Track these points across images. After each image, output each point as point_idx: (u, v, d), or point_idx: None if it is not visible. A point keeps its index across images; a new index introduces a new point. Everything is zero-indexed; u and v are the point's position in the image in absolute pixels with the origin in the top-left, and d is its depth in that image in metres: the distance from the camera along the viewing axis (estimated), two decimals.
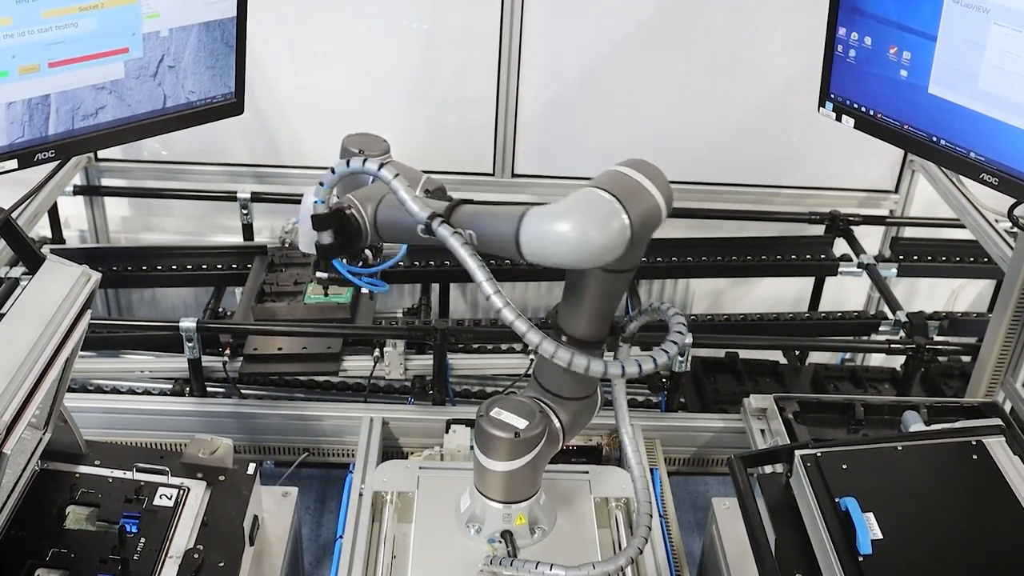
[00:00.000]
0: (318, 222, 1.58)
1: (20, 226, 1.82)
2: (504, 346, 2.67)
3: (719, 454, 2.44)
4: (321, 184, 1.55)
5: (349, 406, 2.43)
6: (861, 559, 1.56)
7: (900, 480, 1.75)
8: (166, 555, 1.65)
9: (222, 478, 1.81)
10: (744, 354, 2.72)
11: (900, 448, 1.81)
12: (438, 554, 1.74)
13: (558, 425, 1.68)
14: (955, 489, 1.77)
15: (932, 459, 1.81)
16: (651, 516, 1.64)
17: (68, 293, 1.59)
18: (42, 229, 2.98)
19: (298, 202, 3.07)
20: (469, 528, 1.76)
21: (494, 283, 1.39)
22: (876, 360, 3.08)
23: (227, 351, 2.50)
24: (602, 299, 1.55)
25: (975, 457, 1.80)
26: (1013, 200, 1.88)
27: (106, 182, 3.13)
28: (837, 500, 1.66)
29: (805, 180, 3.14)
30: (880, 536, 1.61)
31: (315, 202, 1.56)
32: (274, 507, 1.96)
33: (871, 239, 3.13)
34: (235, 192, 3.02)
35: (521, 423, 1.63)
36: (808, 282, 3.12)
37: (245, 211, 3.03)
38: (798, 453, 1.78)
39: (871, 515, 1.63)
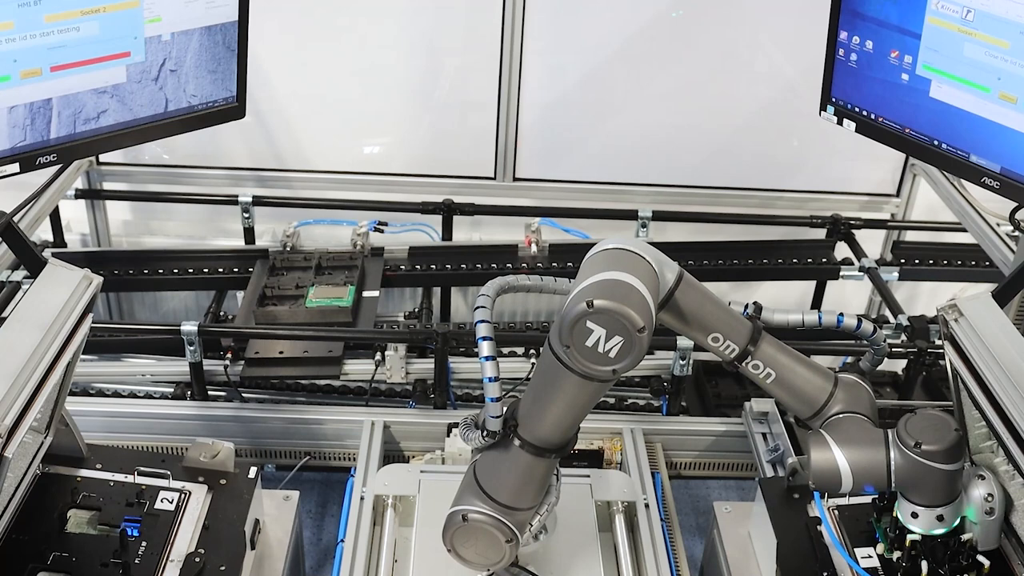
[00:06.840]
0: None
1: (21, 230, 1.82)
2: (506, 350, 2.66)
3: (720, 458, 2.44)
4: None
5: (350, 410, 2.43)
6: None
7: None
8: (167, 559, 1.65)
9: (223, 482, 1.81)
10: None
11: None
12: (439, 558, 1.73)
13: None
14: None
15: None
16: None
17: (69, 297, 1.59)
18: (44, 233, 2.98)
19: (299, 205, 3.09)
20: None
21: None
22: None
23: (228, 355, 2.50)
24: (577, 408, 1.48)
25: None
26: (1014, 204, 1.88)
27: (108, 186, 3.12)
28: None
29: (807, 184, 3.14)
30: None
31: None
32: (275, 511, 1.96)
33: (872, 243, 3.13)
34: (236, 196, 3.01)
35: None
36: (809, 286, 3.11)
37: (247, 215, 3.02)
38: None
39: None
